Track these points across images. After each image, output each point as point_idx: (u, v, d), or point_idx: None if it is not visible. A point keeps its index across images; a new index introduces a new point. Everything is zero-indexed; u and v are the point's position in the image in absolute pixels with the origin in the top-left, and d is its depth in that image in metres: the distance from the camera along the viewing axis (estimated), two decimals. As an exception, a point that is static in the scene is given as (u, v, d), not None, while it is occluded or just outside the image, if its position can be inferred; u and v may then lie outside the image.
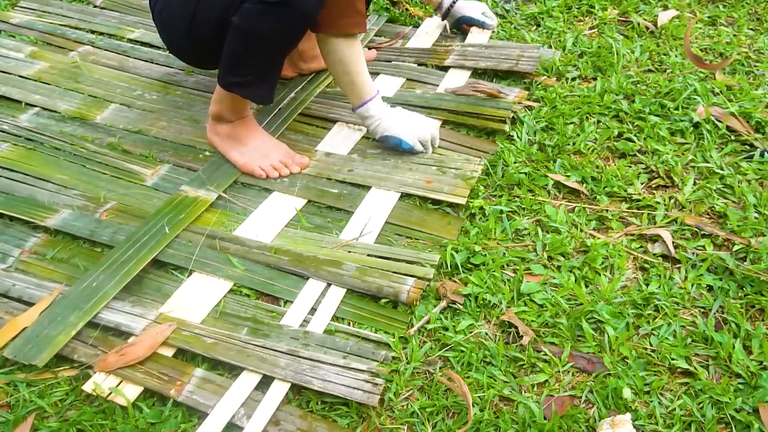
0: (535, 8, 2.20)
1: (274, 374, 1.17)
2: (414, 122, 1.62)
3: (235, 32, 1.43)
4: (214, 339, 1.24)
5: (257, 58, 1.48)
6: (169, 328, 1.25)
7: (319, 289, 1.34)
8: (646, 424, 1.10)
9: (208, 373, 1.20)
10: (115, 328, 1.27)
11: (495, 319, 1.28)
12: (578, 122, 1.72)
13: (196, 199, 1.53)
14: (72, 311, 1.28)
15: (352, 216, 1.50)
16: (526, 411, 1.12)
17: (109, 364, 1.20)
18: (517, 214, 1.49)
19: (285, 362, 1.19)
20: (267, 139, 1.64)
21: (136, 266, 1.36)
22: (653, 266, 1.36)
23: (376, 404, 1.13)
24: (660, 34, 2.05)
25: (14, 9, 2.31)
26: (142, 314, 1.29)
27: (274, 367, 1.18)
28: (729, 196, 1.50)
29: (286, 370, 1.18)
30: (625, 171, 1.57)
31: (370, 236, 1.45)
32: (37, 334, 1.24)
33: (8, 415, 1.14)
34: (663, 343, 1.21)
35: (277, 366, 1.19)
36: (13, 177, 1.61)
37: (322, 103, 1.82)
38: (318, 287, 1.34)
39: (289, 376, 1.17)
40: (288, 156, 1.62)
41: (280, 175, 1.59)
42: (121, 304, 1.31)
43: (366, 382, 1.15)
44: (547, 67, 1.91)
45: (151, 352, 1.22)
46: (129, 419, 1.13)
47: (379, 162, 1.63)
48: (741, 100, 1.74)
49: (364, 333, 1.26)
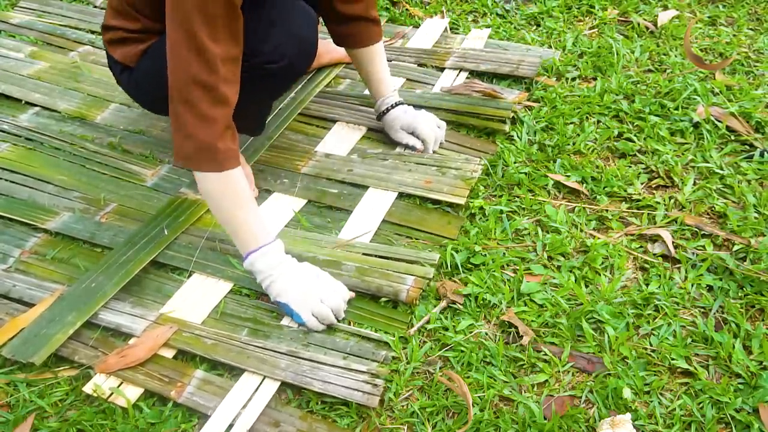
0: (535, 8, 2.20)
1: (275, 375, 1.17)
2: (315, 290, 1.26)
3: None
4: (214, 340, 1.24)
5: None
6: (170, 329, 1.25)
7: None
8: (646, 424, 1.10)
9: (209, 374, 1.20)
10: (115, 329, 1.27)
11: (495, 319, 1.28)
12: (578, 122, 1.72)
13: (196, 201, 1.53)
14: (70, 311, 1.28)
15: (351, 215, 1.50)
16: (526, 411, 1.12)
17: (110, 365, 1.20)
18: (517, 214, 1.49)
19: (285, 363, 1.19)
20: None
21: (135, 267, 1.36)
22: (653, 266, 1.36)
23: (376, 405, 1.13)
24: (660, 34, 2.05)
25: (14, 9, 2.31)
26: (142, 315, 1.29)
27: (275, 368, 1.18)
28: (729, 196, 1.50)
29: (287, 371, 1.18)
30: (625, 171, 1.57)
31: (369, 236, 1.45)
32: (35, 334, 1.25)
33: (8, 415, 1.14)
34: (663, 343, 1.21)
35: (278, 367, 1.18)
36: (13, 178, 1.61)
37: (321, 102, 1.82)
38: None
39: (290, 378, 1.17)
40: None
41: None
42: (122, 305, 1.31)
43: (366, 383, 1.15)
44: (547, 67, 1.91)
45: (151, 353, 1.21)
46: (129, 419, 1.13)
47: (379, 162, 1.63)
48: (741, 100, 1.74)
49: (365, 333, 1.26)
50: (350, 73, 1.94)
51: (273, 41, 1.32)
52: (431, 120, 1.67)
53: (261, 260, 1.25)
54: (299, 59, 1.39)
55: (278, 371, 1.18)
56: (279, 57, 1.34)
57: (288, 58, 1.35)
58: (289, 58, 1.35)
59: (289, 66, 1.37)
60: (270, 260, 1.25)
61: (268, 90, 1.47)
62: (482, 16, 2.22)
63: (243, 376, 1.19)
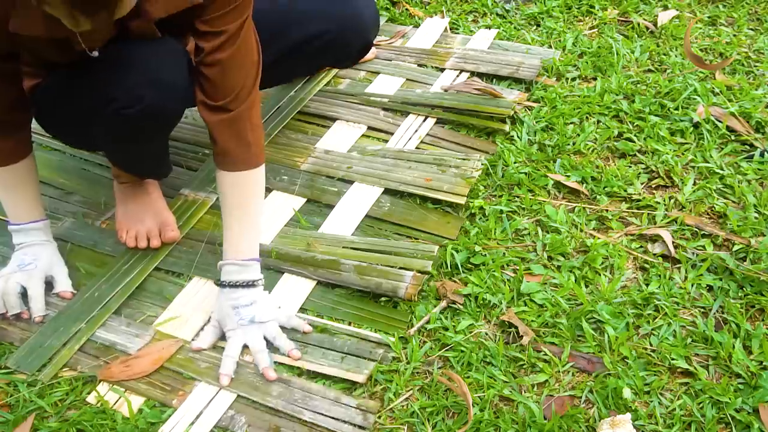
0: (535, 8, 2.20)
1: (266, 402, 1.16)
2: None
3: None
4: (208, 363, 1.22)
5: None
6: (176, 343, 1.25)
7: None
8: (646, 424, 1.10)
9: (209, 386, 1.19)
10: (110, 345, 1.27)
11: (495, 319, 1.28)
12: (578, 122, 1.72)
13: (196, 201, 1.53)
14: (74, 322, 1.28)
15: (350, 214, 1.50)
16: (526, 411, 1.12)
17: (113, 373, 1.20)
18: (517, 214, 1.49)
19: (278, 391, 1.17)
20: (153, 204, 1.47)
21: (139, 276, 1.37)
22: (653, 266, 1.36)
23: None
24: (660, 34, 2.05)
25: (14, 8, 2.31)
26: (138, 333, 1.28)
27: (266, 395, 1.17)
28: (729, 196, 1.50)
29: (278, 399, 1.16)
30: (625, 171, 1.57)
31: (368, 233, 1.45)
32: (40, 345, 1.25)
33: (8, 415, 1.14)
34: (663, 343, 1.21)
35: (269, 395, 1.17)
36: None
37: (321, 101, 1.82)
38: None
39: (281, 405, 1.15)
40: (160, 227, 1.44)
41: (137, 246, 1.42)
42: (118, 321, 1.31)
43: (357, 414, 1.13)
44: (547, 67, 1.91)
45: (156, 366, 1.21)
46: (129, 419, 1.13)
47: (379, 160, 1.63)
48: (741, 100, 1.74)
49: (364, 333, 1.26)
50: (350, 73, 1.94)
51: (124, 84, 1.17)
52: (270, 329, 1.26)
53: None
54: (163, 100, 1.19)
55: (270, 399, 1.16)
56: (134, 100, 1.17)
57: (147, 99, 1.17)
58: (148, 100, 1.17)
59: (150, 108, 1.18)
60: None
61: (142, 136, 1.28)
62: (482, 16, 2.21)
63: (234, 402, 1.18)
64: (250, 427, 1.13)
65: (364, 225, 1.48)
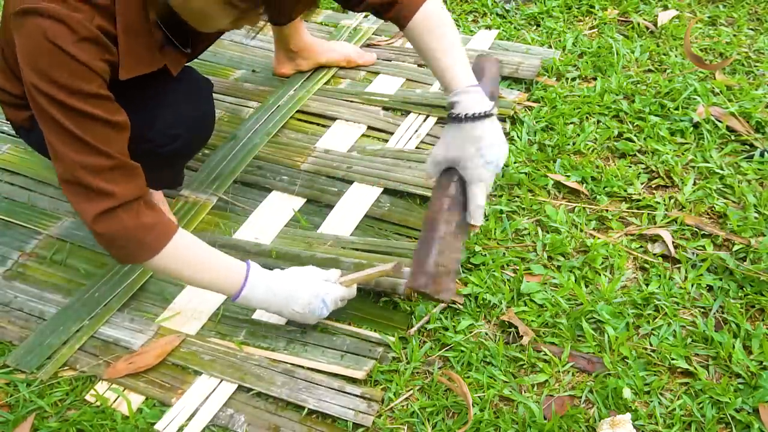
0: (535, 8, 2.20)
1: (270, 392, 1.17)
2: (305, 291, 1.21)
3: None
4: (210, 356, 1.23)
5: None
6: (178, 338, 1.25)
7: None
8: (646, 424, 1.10)
9: (209, 381, 1.19)
10: (114, 342, 1.27)
11: (495, 319, 1.28)
12: (578, 122, 1.72)
13: (196, 203, 1.53)
14: (74, 321, 1.28)
15: (351, 214, 1.50)
16: (526, 411, 1.12)
17: (118, 371, 1.20)
18: (517, 214, 1.49)
19: (282, 380, 1.18)
20: None
21: (140, 278, 1.37)
22: (653, 266, 1.36)
23: (369, 425, 1.12)
24: (660, 34, 2.05)
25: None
26: (141, 329, 1.29)
27: (271, 385, 1.18)
28: (729, 196, 1.50)
29: (282, 389, 1.17)
30: (625, 171, 1.57)
31: (368, 232, 1.45)
32: (40, 343, 1.25)
33: (8, 415, 1.14)
34: (663, 343, 1.21)
35: (274, 384, 1.18)
36: (14, 181, 1.61)
37: (320, 100, 1.82)
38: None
39: (285, 395, 1.16)
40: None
41: None
42: (121, 317, 1.31)
43: (361, 402, 1.14)
44: (547, 67, 1.91)
45: (160, 359, 1.22)
46: (129, 419, 1.13)
47: (379, 159, 1.63)
48: (741, 100, 1.74)
49: (364, 333, 1.26)
50: (350, 73, 1.93)
51: (161, 126, 1.22)
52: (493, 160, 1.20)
53: (252, 294, 1.17)
54: (195, 135, 1.31)
55: (274, 388, 1.17)
56: (170, 139, 1.24)
57: (182, 139, 1.27)
58: (182, 139, 1.27)
59: (182, 145, 1.28)
60: (261, 290, 1.17)
61: (169, 165, 1.38)
62: (482, 16, 2.21)
63: (238, 391, 1.19)
64: (249, 425, 1.13)
65: (364, 225, 1.48)
